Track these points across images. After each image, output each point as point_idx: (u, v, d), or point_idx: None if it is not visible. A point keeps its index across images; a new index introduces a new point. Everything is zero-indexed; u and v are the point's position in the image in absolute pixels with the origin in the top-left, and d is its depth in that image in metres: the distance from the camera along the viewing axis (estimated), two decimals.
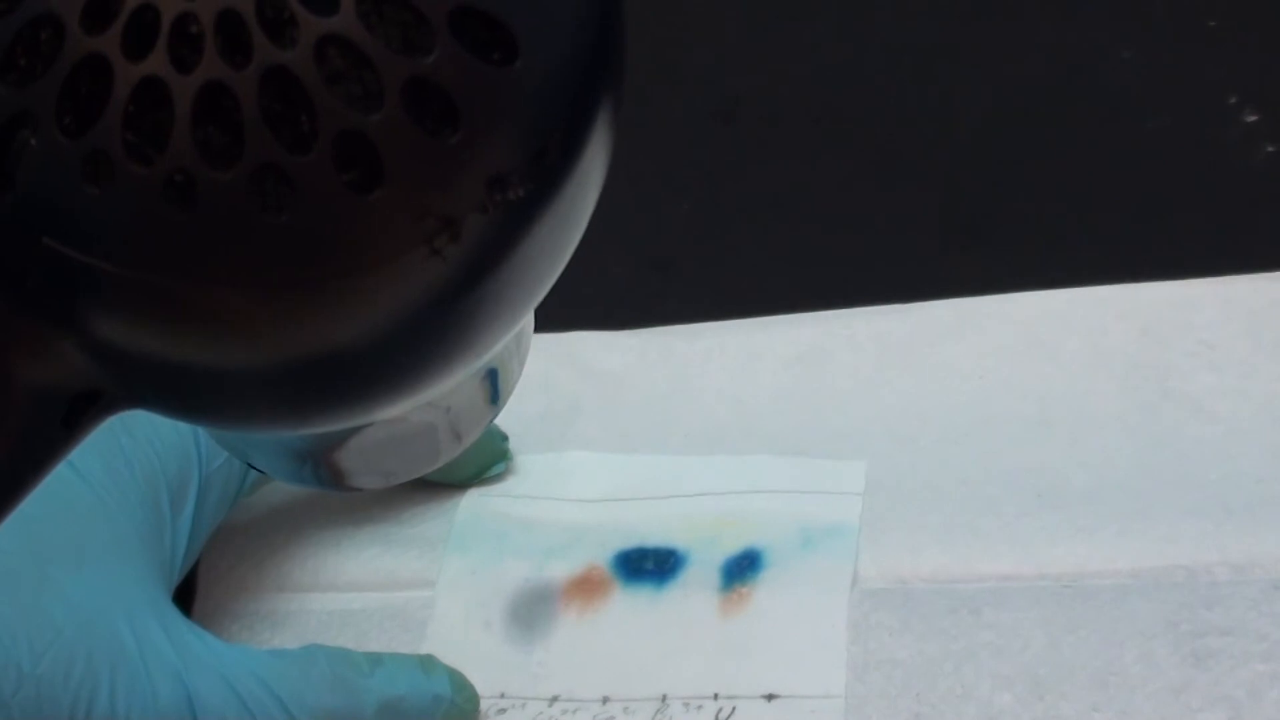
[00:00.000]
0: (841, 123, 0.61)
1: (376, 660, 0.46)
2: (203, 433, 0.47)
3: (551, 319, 0.53)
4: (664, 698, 0.47)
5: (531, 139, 0.23)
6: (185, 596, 0.52)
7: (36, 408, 0.25)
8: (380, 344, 0.24)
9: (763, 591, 0.49)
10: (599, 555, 0.51)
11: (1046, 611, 0.47)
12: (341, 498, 0.55)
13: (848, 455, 0.52)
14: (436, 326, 0.24)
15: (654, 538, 0.51)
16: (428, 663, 0.48)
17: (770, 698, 0.47)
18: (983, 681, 0.46)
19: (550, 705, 0.48)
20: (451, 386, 0.28)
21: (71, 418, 0.25)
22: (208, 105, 0.22)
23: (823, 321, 0.57)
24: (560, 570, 0.51)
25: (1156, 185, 0.57)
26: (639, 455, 0.55)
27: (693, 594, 0.50)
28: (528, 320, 0.31)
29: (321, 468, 0.32)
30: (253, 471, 0.49)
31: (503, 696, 0.49)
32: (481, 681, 0.48)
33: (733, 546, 0.50)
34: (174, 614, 0.45)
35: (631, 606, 0.50)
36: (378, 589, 0.53)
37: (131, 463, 0.46)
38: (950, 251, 0.57)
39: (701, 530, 0.51)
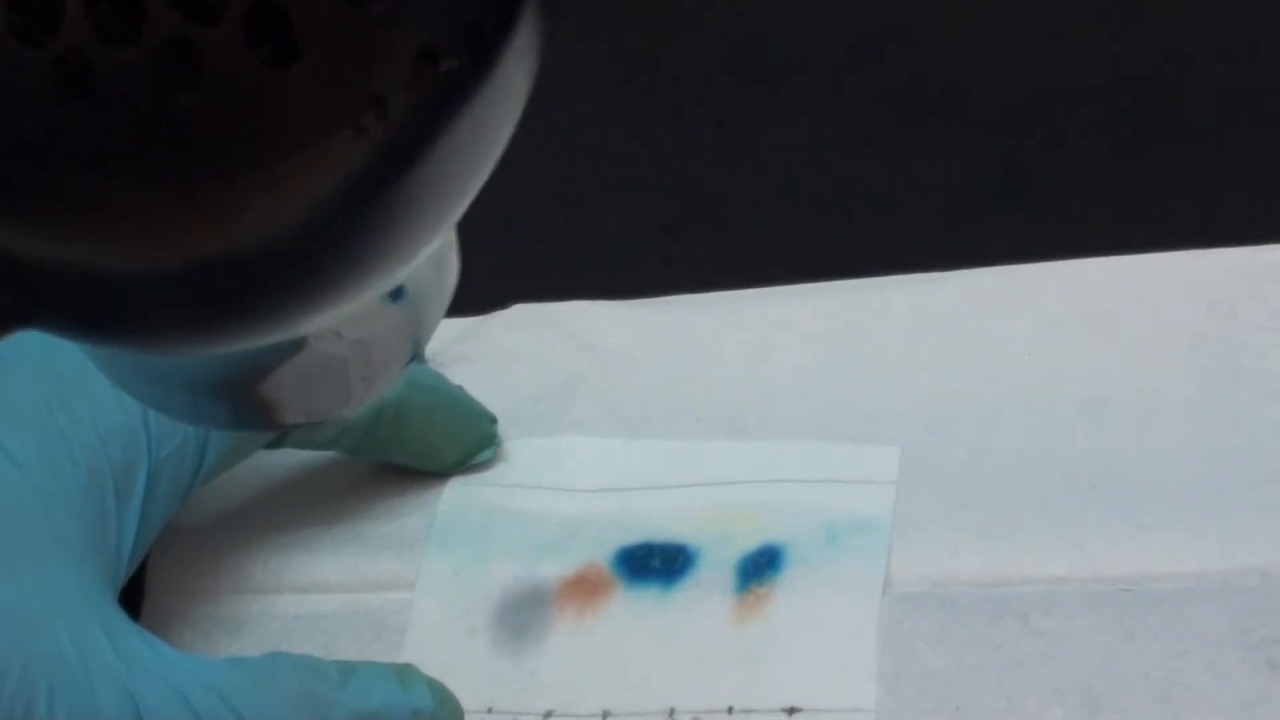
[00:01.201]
0: (874, 70, 0.61)
1: (348, 670, 0.46)
2: (154, 413, 0.45)
3: (547, 287, 0.54)
4: (671, 712, 0.47)
5: (464, 8, 0.23)
6: (132, 598, 0.51)
7: None
8: (298, 242, 0.24)
9: (783, 593, 0.49)
10: (598, 552, 0.51)
11: (1102, 618, 0.46)
12: (317, 461, 0.55)
13: (879, 441, 0.52)
14: (359, 222, 0.24)
15: (660, 532, 0.51)
16: (406, 673, 0.47)
17: (791, 712, 0.46)
18: (1030, 696, 0.45)
19: None
20: (366, 307, 0.28)
21: None
22: None
23: (852, 291, 0.56)
24: (555, 569, 0.51)
25: (1224, 145, 0.57)
26: (644, 440, 0.54)
27: (704, 596, 0.49)
28: (450, 257, 0.32)
29: (256, 399, 0.32)
30: (210, 456, 0.49)
31: (490, 712, 0.48)
32: (466, 694, 0.48)
33: (749, 543, 0.50)
34: (120, 618, 0.45)
35: (635, 610, 0.49)
36: (349, 590, 0.52)
37: (71, 447, 0.46)
38: (996, 213, 0.57)
39: (714, 524, 0.51)
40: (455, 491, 0.54)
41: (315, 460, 0.55)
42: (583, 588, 0.50)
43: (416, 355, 0.34)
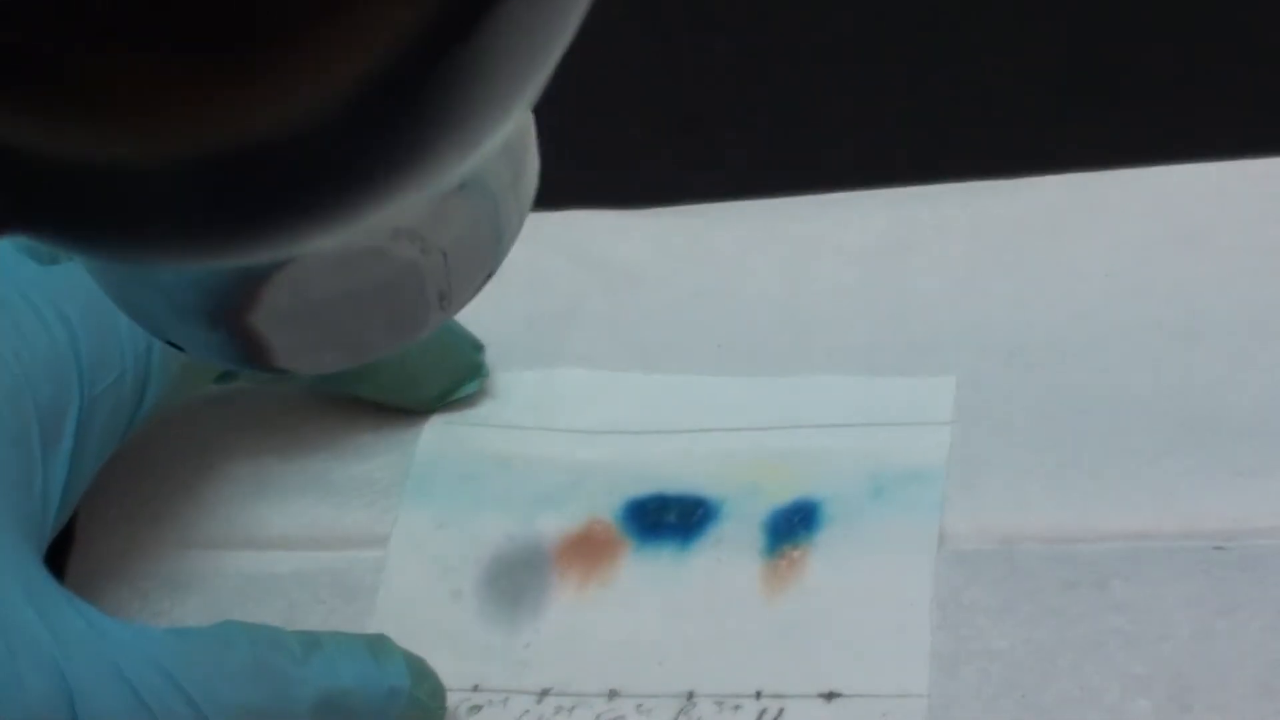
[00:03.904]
0: None
1: (312, 642, 0.45)
2: (86, 342, 0.47)
3: (543, 193, 0.55)
4: (690, 695, 0.47)
5: None
6: (59, 557, 0.51)
7: None
8: (337, 123, 0.23)
9: (819, 557, 0.48)
10: (604, 505, 0.51)
11: (1195, 585, 0.46)
12: (275, 396, 0.54)
13: (933, 374, 0.52)
14: (412, 94, 0.23)
15: (676, 482, 0.51)
16: (379, 646, 0.46)
17: (830, 697, 0.46)
18: (1111, 683, 0.45)
19: (539, 701, 0.48)
20: (441, 206, 0.28)
21: None
22: None
23: (901, 202, 0.56)
24: (554, 525, 0.51)
25: None
26: (657, 374, 0.54)
27: (727, 559, 0.49)
28: (529, 155, 0.32)
29: (238, 334, 0.32)
30: (152, 391, 0.48)
31: (477, 690, 0.48)
32: (449, 670, 0.47)
33: (780, 497, 0.50)
34: (46, 581, 0.44)
35: (647, 574, 0.49)
36: (312, 546, 0.52)
37: None
38: (1068, 113, 0.58)
39: (739, 474, 0.51)
40: (436, 432, 0.53)
41: (273, 396, 0.55)
42: (586, 547, 0.50)
43: (496, 263, 0.33)
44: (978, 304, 0.53)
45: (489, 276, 0.33)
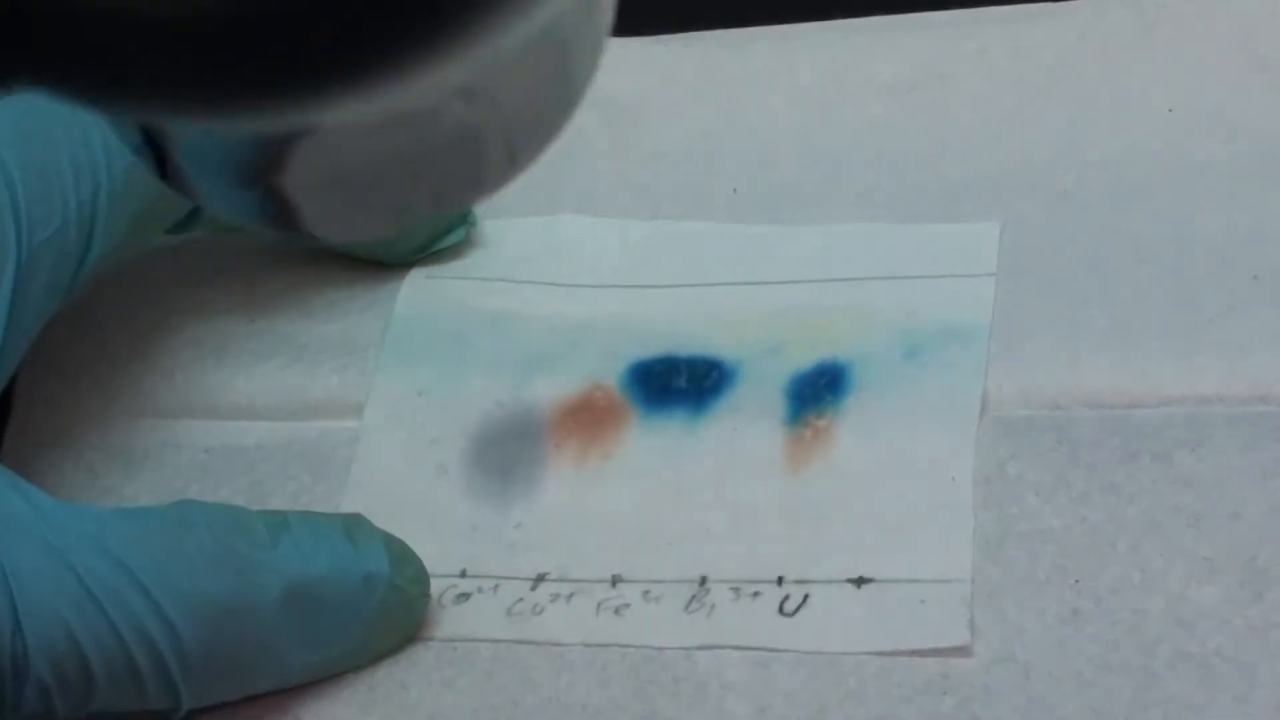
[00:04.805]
0: None
1: (279, 523, 0.45)
2: (24, 188, 0.47)
3: None
4: (703, 581, 0.46)
5: None
6: None
7: None
8: None
9: (848, 425, 0.48)
10: (606, 368, 0.51)
11: (1269, 455, 0.45)
12: (236, 248, 0.55)
13: (974, 219, 0.52)
14: None
15: (687, 342, 0.51)
16: (354, 527, 0.46)
17: (860, 582, 0.45)
18: (1174, 565, 0.44)
19: (534, 588, 0.47)
20: (499, 55, 0.27)
21: None
22: None
23: (938, 27, 0.56)
24: (549, 390, 0.51)
25: None
26: (664, 221, 0.54)
27: (745, 427, 0.49)
28: None
29: (275, 195, 0.31)
30: (98, 242, 0.48)
31: (464, 575, 0.48)
32: (433, 553, 0.47)
33: (803, 358, 0.50)
34: None
35: (654, 445, 0.49)
36: (279, 416, 0.52)
37: None
38: None
39: (757, 333, 0.51)
40: (417, 287, 0.54)
41: (233, 247, 0.55)
42: (586, 415, 0.50)
43: (570, 111, 0.33)
44: (1023, 141, 0.54)
45: (561, 127, 0.33)
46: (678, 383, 0.50)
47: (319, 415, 0.52)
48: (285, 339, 0.54)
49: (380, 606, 0.46)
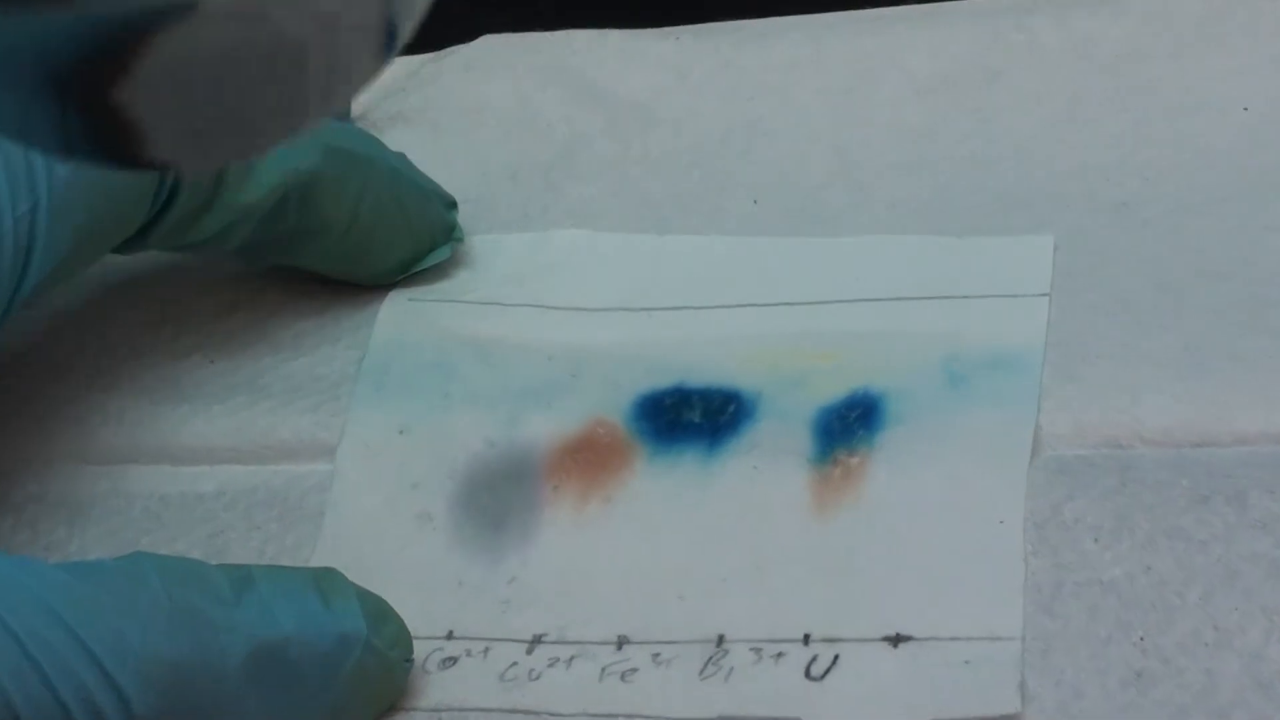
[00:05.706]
0: None
1: (243, 579, 0.44)
2: None
3: (531, 11, 0.54)
4: (719, 640, 0.45)
5: None
6: None
7: None
8: None
9: (882, 463, 0.47)
10: (609, 402, 0.50)
11: None
12: (193, 270, 0.54)
13: (1024, 234, 0.52)
14: None
15: (700, 372, 0.50)
16: (327, 583, 0.45)
17: (896, 641, 0.44)
18: (1251, 620, 0.43)
19: (530, 651, 0.46)
20: None
21: None
22: None
23: (983, 17, 0.57)
24: (545, 427, 0.50)
25: None
26: (675, 235, 0.54)
27: (766, 466, 0.48)
28: None
29: (100, 114, 0.29)
30: (36, 263, 0.47)
31: (451, 637, 0.47)
32: (416, 612, 0.46)
33: (832, 389, 0.49)
34: None
35: (664, 486, 0.48)
36: (242, 460, 0.52)
37: None
38: None
39: (779, 362, 0.50)
40: (397, 311, 0.53)
41: (189, 270, 0.55)
42: (587, 455, 0.49)
43: (391, 48, 0.31)
44: (1079, 145, 0.53)
45: (389, 55, 0.31)
46: (690, 417, 0.49)
47: (287, 458, 0.51)
48: (249, 376, 0.53)
49: (356, 671, 0.45)
